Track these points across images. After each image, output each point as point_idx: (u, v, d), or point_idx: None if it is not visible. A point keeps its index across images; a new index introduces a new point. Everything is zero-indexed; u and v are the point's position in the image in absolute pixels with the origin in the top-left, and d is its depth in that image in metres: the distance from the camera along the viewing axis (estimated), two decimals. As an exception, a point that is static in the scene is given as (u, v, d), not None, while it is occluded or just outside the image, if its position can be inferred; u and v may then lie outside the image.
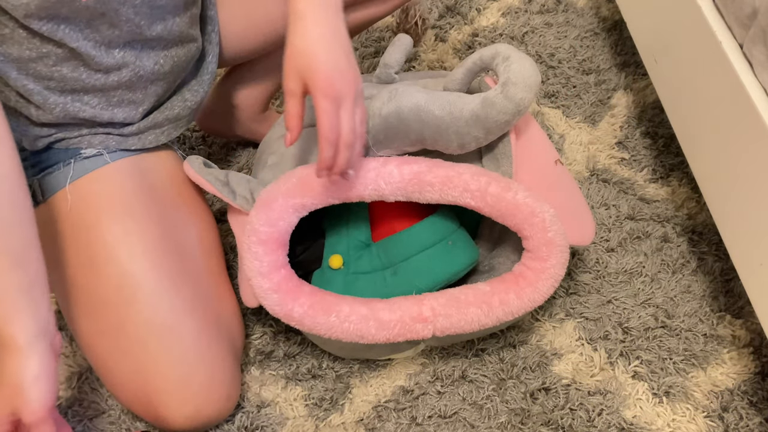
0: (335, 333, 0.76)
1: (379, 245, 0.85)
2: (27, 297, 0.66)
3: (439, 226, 0.83)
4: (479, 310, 0.77)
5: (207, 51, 0.88)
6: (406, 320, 0.76)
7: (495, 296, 0.77)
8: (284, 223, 0.78)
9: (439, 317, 0.77)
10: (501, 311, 0.77)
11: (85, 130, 0.81)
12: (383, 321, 0.76)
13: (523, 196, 0.76)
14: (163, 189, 0.84)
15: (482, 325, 0.77)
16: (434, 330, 0.77)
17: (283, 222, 0.77)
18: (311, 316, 0.76)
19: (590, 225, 0.83)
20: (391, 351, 0.86)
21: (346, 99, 0.68)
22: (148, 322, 0.76)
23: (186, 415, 0.77)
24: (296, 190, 0.77)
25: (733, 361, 0.88)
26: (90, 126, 0.81)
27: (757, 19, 0.76)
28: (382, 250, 0.84)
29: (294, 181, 0.77)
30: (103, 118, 0.79)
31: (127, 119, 0.81)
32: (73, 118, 0.78)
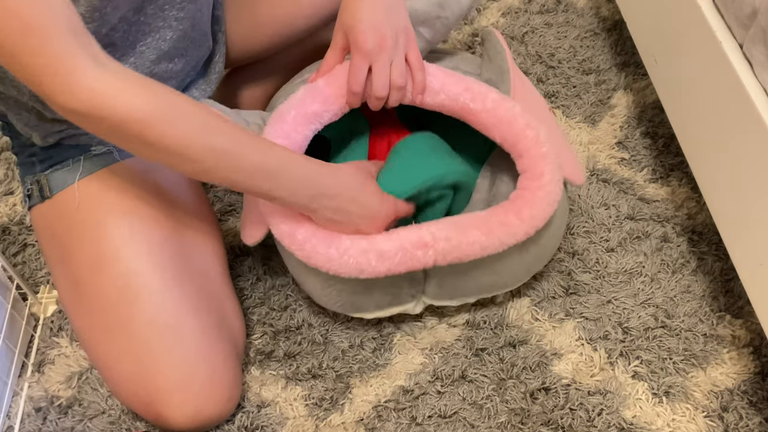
0: (334, 266, 0.76)
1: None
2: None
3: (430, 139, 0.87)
4: (479, 231, 0.77)
5: (215, 50, 0.88)
6: (407, 247, 0.76)
7: (494, 218, 0.77)
8: (298, 135, 0.79)
9: (439, 241, 0.76)
10: (502, 232, 0.77)
11: None
12: (383, 251, 0.76)
13: (521, 110, 0.78)
14: (170, 188, 0.85)
15: (484, 249, 0.77)
16: (435, 255, 0.77)
17: (297, 134, 0.79)
18: (312, 243, 0.76)
19: (581, 167, 0.84)
20: (390, 302, 0.85)
21: (381, 54, 0.76)
22: (151, 321, 0.76)
23: (187, 415, 0.77)
24: (308, 98, 0.79)
25: (733, 361, 0.88)
26: None
27: (757, 19, 0.76)
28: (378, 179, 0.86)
29: (303, 90, 0.80)
30: None
31: None
32: None
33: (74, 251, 0.79)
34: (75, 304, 0.80)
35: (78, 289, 0.79)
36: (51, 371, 0.89)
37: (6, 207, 1.07)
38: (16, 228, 1.04)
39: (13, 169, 1.12)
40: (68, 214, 0.80)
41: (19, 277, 0.92)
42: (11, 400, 0.87)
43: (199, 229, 0.85)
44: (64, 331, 0.93)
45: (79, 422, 0.85)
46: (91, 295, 0.78)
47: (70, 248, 0.79)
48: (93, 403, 0.87)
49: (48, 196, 0.81)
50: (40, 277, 0.99)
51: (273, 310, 0.94)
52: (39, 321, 0.95)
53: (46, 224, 0.82)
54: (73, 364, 0.90)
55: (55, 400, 0.87)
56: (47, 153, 0.82)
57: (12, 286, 0.90)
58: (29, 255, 1.01)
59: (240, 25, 0.91)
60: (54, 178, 0.81)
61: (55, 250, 0.81)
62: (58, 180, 0.81)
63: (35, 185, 0.82)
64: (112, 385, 0.79)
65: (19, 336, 0.89)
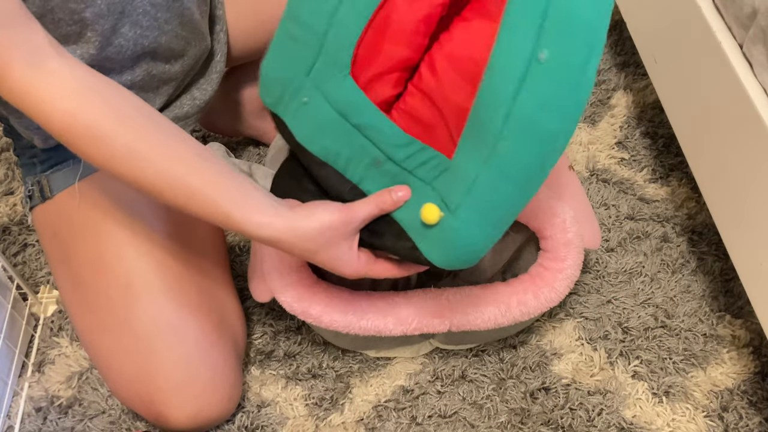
0: (353, 329, 0.76)
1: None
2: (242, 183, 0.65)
3: None
4: (497, 309, 0.77)
5: (215, 50, 0.88)
6: (424, 314, 0.77)
7: (513, 297, 0.77)
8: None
9: (456, 314, 0.77)
10: (518, 311, 0.77)
11: None
12: (401, 316, 0.76)
13: (546, 196, 0.76)
14: None
15: (498, 324, 0.77)
16: (450, 325, 0.77)
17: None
18: (329, 313, 0.76)
19: (598, 230, 0.84)
20: (401, 343, 0.86)
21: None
22: (153, 321, 0.76)
23: (188, 415, 0.77)
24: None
25: (733, 360, 0.88)
26: None
27: (757, 19, 0.76)
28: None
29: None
30: None
31: None
32: None
33: (75, 251, 0.79)
34: (76, 304, 0.80)
35: (79, 289, 0.79)
36: (51, 371, 0.89)
37: (6, 207, 1.07)
38: (16, 228, 1.04)
39: (13, 169, 1.12)
40: (69, 215, 0.80)
41: (19, 277, 0.92)
42: (11, 400, 0.87)
43: (199, 228, 0.85)
44: (65, 331, 0.93)
45: (80, 422, 0.85)
46: (92, 294, 0.78)
47: (71, 248, 0.80)
48: (93, 403, 0.87)
49: (49, 196, 0.81)
50: (40, 277, 0.99)
51: (273, 310, 0.94)
52: (39, 321, 0.95)
53: (47, 224, 0.82)
54: (74, 364, 0.90)
55: (56, 400, 0.87)
56: (48, 154, 0.82)
57: (12, 286, 0.90)
58: (29, 255, 1.01)
59: (243, 24, 0.91)
60: (55, 178, 0.81)
61: (56, 251, 0.81)
62: (59, 180, 0.81)
63: (36, 186, 0.82)
64: (113, 384, 0.79)
65: (20, 336, 0.90)
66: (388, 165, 0.64)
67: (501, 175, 0.58)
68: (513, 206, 0.61)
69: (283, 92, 0.66)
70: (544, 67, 0.55)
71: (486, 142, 0.58)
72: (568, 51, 0.54)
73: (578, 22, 0.54)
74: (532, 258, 0.84)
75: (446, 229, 0.62)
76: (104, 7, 0.69)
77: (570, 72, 0.55)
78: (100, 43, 0.71)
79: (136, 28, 0.73)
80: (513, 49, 0.55)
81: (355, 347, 0.89)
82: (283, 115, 0.67)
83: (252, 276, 0.82)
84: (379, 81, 0.64)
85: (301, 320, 0.92)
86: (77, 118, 0.60)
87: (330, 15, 0.62)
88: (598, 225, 0.84)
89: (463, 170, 0.60)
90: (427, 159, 0.63)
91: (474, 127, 0.59)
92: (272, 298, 0.79)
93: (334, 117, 0.64)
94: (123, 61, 0.75)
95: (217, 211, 0.63)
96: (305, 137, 0.66)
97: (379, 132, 0.63)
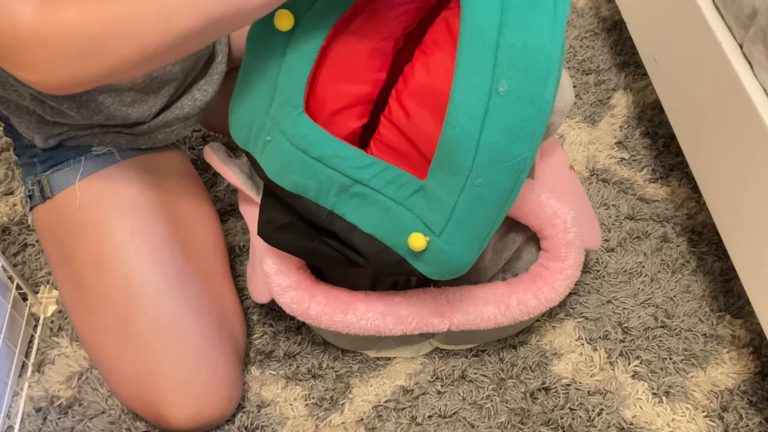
0: (353, 330, 0.76)
1: None
2: None
3: None
4: (496, 308, 0.77)
5: (216, 51, 0.88)
6: (423, 314, 0.77)
7: (513, 296, 0.77)
8: None
9: (456, 313, 0.77)
10: (518, 311, 0.77)
11: (97, 128, 0.81)
12: (401, 316, 0.76)
13: (546, 197, 0.77)
14: (171, 188, 0.85)
15: (497, 324, 0.77)
16: (450, 325, 0.77)
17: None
18: (328, 314, 0.76)
19: (598, 230, 0.84)
20: (401, 343, 0.86)
21: None
22: (153, 321, 0.76)
23: (188, 415, 0.77)
24: None
25: (733, 361, 0.88)
26: (102, 125, 0.81)
27: (757, 19, 0.76)
28: None
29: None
30: (116, 118, 0.80)
31: (139, 119, 0.81)
32: (86, 117, 0.79)
33: (75, 251, 0.79)
34: (76, 304, 0.80)
35: (79, 289, 0.79)
36: (51, 371, 0.89)
37: (6, 207, 1.07)
38: (16, 228, 1.04)
39: (13, 169, 1.12)
40: (69, 215, 0.80)
41: (19, 277, 0.92)
42: (11, 400, 0.87)
43: (200, 228, 0.85)
44: (64, 331, 0.93)
45: (79, 422, 0.85)
46: (92, 295, 0.78)
47: (71, 248, 0.80)
48: (93, 403, 0.87)
49: (49, 196, 0.81)
50: (40, 277, 0.99)
51: (273, 310, 0.94)
52: (39, 321, 0.95)
53: (47, 224, 0.82)
54: (73, 364, 0.90)
55: (55, 400, 0.87)
56: (48, 154, 0.82)
57: (12, 286, 0.90)
58: (29, 255, 1.01)
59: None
60: (55, 178, 0.81)
61: (56, 251, 0.81)
62: (59, 180, 0.81)
63: (36, 186, 0.82)
64: (113, 385, 0.79)
65: (19, 336, 0.89)
66: (357, 187, 0.66)
67: (478, 200, 0.61)
68: (492, 221, 0.63)
69: (249, 132, 0.69)
70: (505, 99, 0.57)
71: (459, 173, 0.60)
72: (526, 79, 0.56)
73: (532, 49, 0.56)
74: (532, 258, 0.84)
75: (435, 251, 0.65)
76: None
77: (531, 99, 0.57)
78: None
79: None
80: (471, 85, 0.57)
81: (355, 347, 0.89)
82: (253, 152, 0.70)
83: (251, 276, 0.82)
84: (340, 115, 0.67)
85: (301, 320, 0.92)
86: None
87: (278, 61, 0.65)
88: (598, 225, 0.84)
89: (440, 197, 0.62)
90: (394, 177, 0.65)
91: (444, 159, 0.61)
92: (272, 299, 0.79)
93: (295, 153, 0.66)
94: None
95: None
96: (275, 174, 0.68)
97: (342, 159, 0.65)
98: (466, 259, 0.65)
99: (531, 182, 0.77)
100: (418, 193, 0.64)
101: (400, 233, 0.66)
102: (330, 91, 0.66)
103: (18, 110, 0.78)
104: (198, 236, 0.85)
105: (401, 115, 0.67)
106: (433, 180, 0.63)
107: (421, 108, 0.65)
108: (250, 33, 0.65)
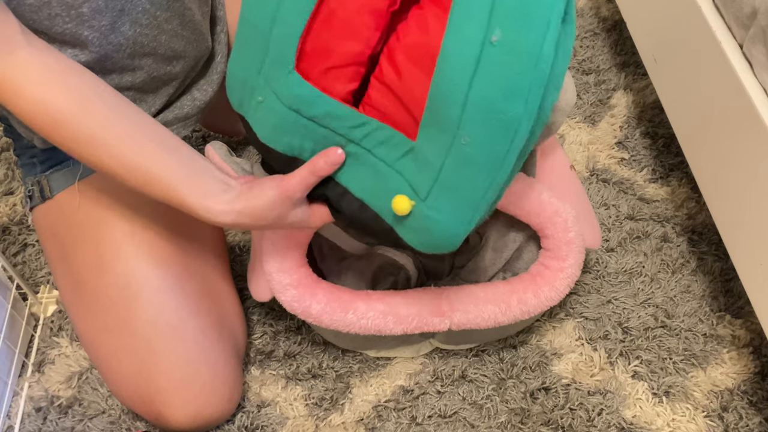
0: (353, 329, 0.76)
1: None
2: (198, 170, 0.68)
3: None
4: (497, 307, 0.77)
5: (216, 51, 0.88)
6: (424, 314, 0.77)
7: (513, 295, 0.77)
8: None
9: (456, 312, 0.77)
10: (518, 310, 0.77)
11: None
12: (401, 315, 0.76)
13: (548, 195, 0.77)
14: None
15: (498, 323, 0.77)
16: (450, 324, 0.77)
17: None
18: (329, 312, 0.76)
19: (598, 229, 0.84)
20: (401, 343, 0.86)
21: None
22: (153, 321, 0.76)
23: (188, 415, 0.77)
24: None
25: (733, 360, 0.88)
26: None
27: (757, 19, 0.76)
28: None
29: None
30: None
31: None
32: None
33: (75, 251, 0.79)
34: (76, 304, 0.80)
35: (79, 289, 0.79)
36: (51, 371, 0.89)
37: (6, 207, 1.07)
38: (16, 228, 1.04)
39: (13, 169, 1.12)
40: (69, 215, 0.80)
41: (19, 277, 0.92)
42: (11, 400, 0.87)
43: (199, 228, 0.85)
44: (64, 331, 0.93)
45: (79, 422, 0.85)
46: (92, 294, 0.78)
47: (70, 248, 0.80)
48: (93, 403, 0.87)
49: (49, 196, 0.81)
50: (40, 277, 0.99)
51: (273, 310, 0.94)
52: (39, 321, 0.95)
53: (47, 225, 0.82)
54: (73, 364, 0.90)
55: (55, 400, 0.87)
56: (48, 154, 0.82)
57: (12, 286, 0.90)
58: (29, 255, 1.01)
59: None
60: (55, 178, 0.81)
61: (56, 251, 0.81)
62: (59, 181, 0.81)
63: (36, 186, 0.82)
64: (113, 385, 0.79)
65: (19, 336, 0.89)
66: (350, 147, 0.63)
67: (466, 161, 0.57)
68: (484, 189, 0.59)
69: (242, 93, 0.67)
70: (498, 50, 0.52)
71: (447, 130, 0.56)
72: (522, 30, 0.52)
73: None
74: (532, 257, 0.84)
75: (420, 217, 0.61)
76: (102, 3, 0.69)
77: (526, 52, 0.52)
78: (99, 41, 0.71)
79: (136, 27, 0.73)
80: (464, 34, 0.53)
81: (355, 347, 0.89)
82: (246, 115, 0.68)
83: (252, 276, 0.82)
84: (331, 74, 0.63)
85: (301, 320, 0.92)
86: (41, 106, 0.64)
87: (272, 13, 0.61)
88: (598, 225, 0.84)
89: (428, 157, 0.58)
90: (386, 138, 0.61)
91: (433, 115, 0.57)
92: (272, 298, 0.79)
93: (287, 113, 0.63)
94: (122, 60, 0.75)
95: (175, 198, 0.67)
96: (267, 137, 0.66)
97: (335, 118, 0.62)
98: (454, 229, 0.61)
99: (532, 181, 0.77)
100: (408, 154, 0.60)
101: (387, 197, 0.62)
102: (323, 48, 0.61)
103: None
104: (198, 236, 0.85)
105: (392, 75, 0.61)
106: (421, 139, 0.58)
107: (414, 66, 0.60)
108: None
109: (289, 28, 0.61)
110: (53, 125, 0.64)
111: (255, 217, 0.67)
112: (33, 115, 0.64)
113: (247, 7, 0.64)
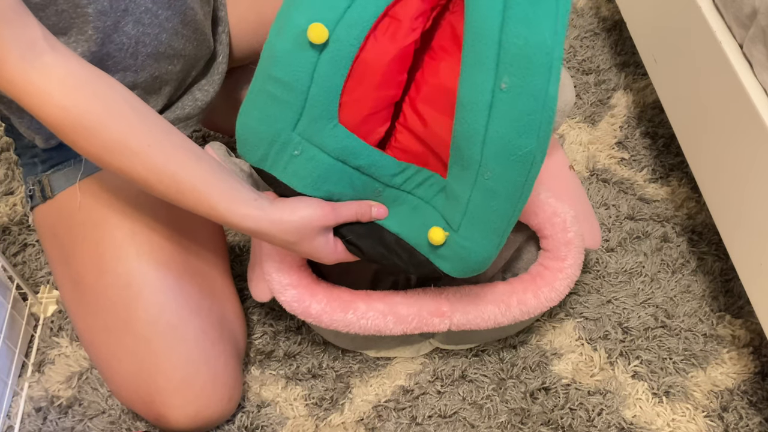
0: (353, 329, 0.76)
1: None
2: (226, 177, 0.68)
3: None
4: (496, 308, 0.77)
5: (217, 51, 0.88)
6: (424, 314, 0.77)
7: (513, 296, 0.77)
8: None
9: (456, 312, 0.77)
10: (518, 310, 0.77)
11: None
12: (401, 315, 0.76)
13: (546, 196, 0.77)
14: None
15: (498, 323, 0.78)
16: (450, 324, 0.77)
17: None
18: (329, 312, 0.76)
19: (598, 230, 0.84)
20: (401, 343, 0.86)
21: None
22: (152, 321, 0.76)
23: (188, 415, 0.77)
24: None
25: (733, 360, 0.88)
26: None
27: (757, 19, 0.76)
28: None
29: None
30: None
31: None
32: None
33: (75, 251, 0.79)
34: (76, 304, 0.80)
35: (79, 289, 0.79)
36: (51, 371, 0.89)
37: (6, 207, 1.07)
38: (16, 228, 1.04)
39: (13, 169, 1.12)
40: (69, 215, 0.80)
41: (19, 277, 0.92)
42: (11, 400, 0.87)
43: (199, 228, 0.85)
44: (64, 331, 0.93)
45: (79, 422, 0.85)
46: (92, 295, 0.78)
47: (71, 248, 0.80)
48: (93, 403, 0.87)
49: (49, 196, 0.81)
50: (40, 277, 0.99)
51: (273, 310, 0.94)
52: (39, 321, 0.95)
53: (47, 224, 0.82)
54: (73, 364, 0.90)
55: (55, 400, 0.87)
56: (49, 154, 0.82)
57: (12, 286, 0.90)
58: (29, 255, 1.01)
59: (244, 25, 0.91)
60: (55, 178, 0.81)
61: (57, 251, 0.81)
62: (60, 180, 0.81)
63: (37, 186, 0.82)
64: (113, 385, 0.79)
65: (19, 336, 0.90)
66: (387, 191, 0.71)
67: (490, 194, 0.63)
68: (509, 216, 0.65)
69: (268, 149, 0.68)
70: (508, 95, 0.59)
71: (470, 168, 0.62)
72: (528, 75, 0.58)
73: (533, 46, 0.57)
74: (532, 257, 0.84)
75: (453, 246, 0.67)
76: (107, 4, 0.69)
77: (534, 95, 0.58)
78: (101, 40, 0.71)
79: (138, 26, 0.73)
80: (476, 83, 0.60)
81: (355, 347, 0.89)
82: (271, 170, 0.70)
83: (252, 276, 0.82)
84: (369, 121, 0.68)
85: (301, 320, 0.92)
86: (69, 112, 0.62)
87: (309, 72, 0.65)
88: (598, 225, 0.84)
89: (457, 192, 0.65)
90: (424, 179, 0.69)
91: (457, 155, 0.64)
92: (272, 298, 0.79)
93: (333, 164, 0.68)
94: (125, 59, 0.75)
95: (205, 204, 0.67)
96: (306, 186, 0.70)
97: (378, 167, 0.69)
98: (485, 254, 0.66)
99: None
100: (442, 191, 0.67)
101: (423, 230, 0.68)
102: (358, 97, 0.67)
103: (19, 110, 0.78)
104: (198, 237, 0.85)
105: (417, 122, 0.70)
106: (450, 177, 0.65)
107: (437, 112, 0.68)
108: (270, 47, 0.65)
109: (330, 84, 0.65)
110: (83, 133, 0.63)
111: (283, 231, 0.68)
112: (60, 121, 0.62)
113: (277, 67, 0.65)
